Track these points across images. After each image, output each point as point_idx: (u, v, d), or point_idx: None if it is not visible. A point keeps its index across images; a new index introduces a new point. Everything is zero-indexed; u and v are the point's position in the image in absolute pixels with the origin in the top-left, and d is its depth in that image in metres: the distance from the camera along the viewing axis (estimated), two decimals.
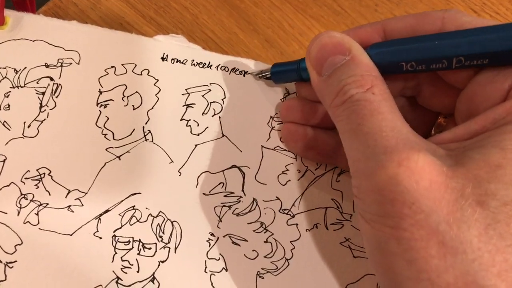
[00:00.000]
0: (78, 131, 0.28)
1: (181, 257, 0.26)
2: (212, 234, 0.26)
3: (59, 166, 0.27)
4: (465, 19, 0.22)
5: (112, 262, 0.25)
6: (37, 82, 0.28)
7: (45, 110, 0.28)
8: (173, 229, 0.26)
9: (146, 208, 0.27)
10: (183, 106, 0.29)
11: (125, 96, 0.28)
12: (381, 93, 0.20)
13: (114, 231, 0.26)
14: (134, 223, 0.26)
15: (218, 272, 0.26)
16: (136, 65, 0.29)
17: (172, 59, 0.29)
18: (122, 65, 0.29)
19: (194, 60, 0.29)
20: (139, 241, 0.26)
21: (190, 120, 0.28)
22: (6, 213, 0.26)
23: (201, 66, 0.29)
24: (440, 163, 0.18)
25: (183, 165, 0.27)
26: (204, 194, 0.27)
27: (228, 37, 0.33)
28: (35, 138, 0.27)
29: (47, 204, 0.26)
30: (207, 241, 0.26)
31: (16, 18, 0.29)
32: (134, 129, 0.28)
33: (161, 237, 0.26)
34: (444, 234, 0.17)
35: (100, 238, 0.26)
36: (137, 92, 0.29)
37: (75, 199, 0.26)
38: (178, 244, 0.26)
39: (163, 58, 0.29)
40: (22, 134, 0.27)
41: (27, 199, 0.26)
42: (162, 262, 0.26)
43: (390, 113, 0.20)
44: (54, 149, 0.27)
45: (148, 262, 0.26)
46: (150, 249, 0.26)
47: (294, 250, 0.26)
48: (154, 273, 0.26)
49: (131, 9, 0.34)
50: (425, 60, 0.21)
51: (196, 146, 0.28)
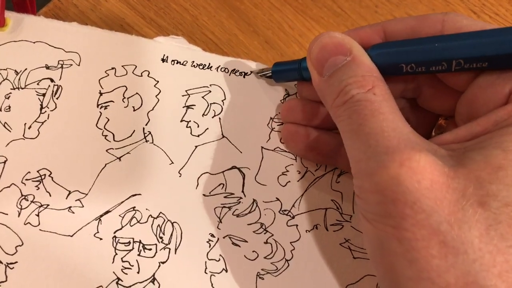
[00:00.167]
0: (78, 133, 0.28)
1: (181, 258, 0.26)
2: (212, 235, 0.26)
3: (60, 167, 0.27)
4: (465, 22, 0.22)
5: (112, 263, 0.26)
6: (37, 84, 0.28)
7: (45, 111, 0.28)
8: (173, 230, 0.26)
9: (147, 209, 0.27)
10: (183, 107, 0.29)
11: (125, 97, 0.28)
12: (382, 93, 0.20)
13: (115, 232, 0.26)
14: (135, 224, 0.26)
15: (218, 273, 0.26)
16: (136, 66, 0.29)
17: (172, 61, 0.29)
18: (123, 66, 0.29)
19: (194, 61, 0.30)
20: (140, 242, 0.26)
21: (190, 121, 0.28)
22: (7, 214, 0.26)
23: (201, 67, 0.29)
24: (441, 164, 0.18)
25: (183, 166, 0.28)
26: (204, 195, 0.27)
27: (228, 38, 0.33)
28: (36, 139, 0.27)
29: (48, 205, 0.26)
30: (207, 242, 0.26)
31: (16, 20, 0.29)
32: (134, 130, 0.28)
33: (161, 238, 0.26)
34: (445, 234, 0.17)
35: (100, 239, 0.26)
36: (137, 93, 0.29)
37: (76, 200, 0.26)
38: (178, 245, 0.26)
39: (163, 60, 0.29)
40: (23, 136, 0.27)
41: (28, 200, 0.26)
42: (163, 263, 0.26)
43: (391, 113, 0.20)
44: (54, 150, 0.27)
45: (148, 263, 0.26)
46: (150, 250, 0.26)
47: (294, 251, 0.26)
48: (154, 274, 0.26)
49: (131, 10, 0.34)
50: (425, 62, 0.21)
51: (196, 147, 0.28)
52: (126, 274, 0.25)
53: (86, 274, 0.25)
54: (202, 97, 0.29)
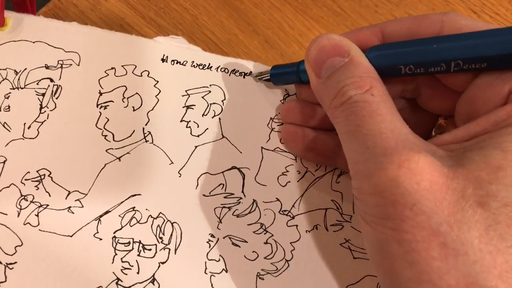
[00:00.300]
0: (78, 132, 0.28)
1: (181, 258, 0.26)
2: (212, 235, 0.26)
3: (59, 167, 0.27)
4: (464, 22, 0.22)
5: (112, 263, 0.25)
6: (37, 84, 0.28)
7: (45, 111, 0.28)
8: (173, 230, 0.26)
9: (146, 209, 0.27)
10: (183, 107, 0.29)
11: (125, 97, 0.28)
12: (380, 94, 0.20)
13: (114, 232, 0.26)
14: (134, 224, 0.26)
15: (218, 273, 0.26)
16: (136, 66, 0.29)
17: (172, 61, 0.29)
18: (122, 66, 0.29)
19: (194, 61, 0.29)
20: (139, 242, 0.26)
21: (190, 121, 0.28)
22: (6, 214, 0.26)
23: (201, 67, 0.29)
24: (440, 164, 0.18)
25: (183, 166, 0.27)
26: (204, 195, 0.27)
27: (228, 38, 0.33)
28: (35, 139, 0.27)
29: (47, 205, 0.26)
30: (207, 242, 0.26)
31: (16, 19, 0.29)
32: (134, 130, 0.28)
33: (161, 238, 0.26)
34: (445, 235, 0.17)
35: (100, 239, 0.26)
36: (137, 93, 0.29)
37: (75, 200, 0.26)
38: (178, 245, 0.26)
39: (163, 60, 0.29)
40: (22, 136, 0.27)
41: (27, 200, 0.26)
42: (162, 263, 0.26)
43: (389, 114, 0.20)
44: (54, 150, 0.27)
45: (148, 263, 0.26)
46: (150, 250, 0.26)
47: (294, 251, 0.26)
48: (154, 274, 0.26)
49: (131, 10, 0.34)
50: (423, 63, 0.21)
51: (196, 147, 0.28)
52: (126, 274, 0.25)
53: (86, 274, 0.25)
54: (202, 97, 0.29)
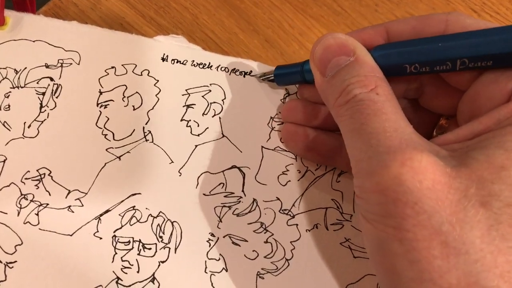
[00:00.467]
0: (78, 132, 0.28)
1: (181, 257, 0.26)
2: (212, 235, 0.26)
3: (59, 166, 0.27)
4: (468, 22, 0.22)
5: (112, 262, 0.25)
6: (37, 83, 0.28)
7: (45, 110, 0.28)
8: (173, 229, 0.26)
9: (146, 208, 0.27)
10: (183, 106, 0.29)
11: (125, 96, 0.28)
12: (385, 93, 0.20)
13: (114, 232, 0.26)
14: (134, 224, 0.26)
15: (218, 272, 0.26)
16: (136, 65, 0.29)
17: (172, 60, 0.29)
18: (122, 65, 0.29)
19: (194, 60, 0.29)
20: (139, 241, 0.26)
21: (190, 120, 0.28)
22: (6, 213, 0.26)
23: (201, 66, 0.29)
24: (443, 164, 0.18)
25: (183, 165, 0.27)
26: (204, 194, 0.27)
27: (228, 37, 0.33)
28: (35, 138, 0.27)
29: (47, 204, 0.26)
30: (207, 241, 0.26)
31: (16, 19, 0.29)
32: (134, 129, 0.28)
33: (161, 237, 0.26)
34: (447, 234, 0.17)
35: (100, 239, 0.26)
36: (137, 92, 0.29)
37: (75, 199, 0.26)
38: (178, 244, 0.26)
39: (163, 59, 0.29)
40: (22, 135, 0.27)
41: (27, 199, 0.26)
42: (162, 262, 0.26)
43: (393, 113, 0.20)
44: (54, 149, 0.27)
45: (148, 262, 0.26)
46: (150, 249, 0.26)
47: (294, 251, 0.26)
48: (154, 273, 0.26)
49: (131, 9, 0.34)
50: (429, 62, 0.21)
51: (196, 146, 0.28)
52: (126, 273, 0.25)
53: (86, 273, 0.25)
54: (202, 96, 0.29)
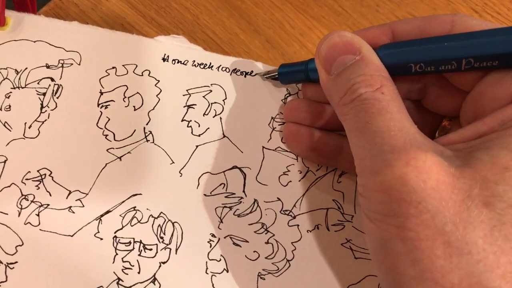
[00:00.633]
0: (79, 132, 0.27)
1: (182, 258, 0.26)
2: (213, 235, 0.26)
3: (60, 167, 0.27)
4: (474, 22, 0.22)
5: (113, 263, 0.25)
6: (38, 83, 0.28)
7: (46, 110, 0.28)
8: (174, 230, 0.26)
9: (147, 209, 0.26)
10: (184, 107, 0.29)
11: (126, 96, 0.28)
12: (390, 93, 0.20)
13: (115, 232, 0.26)
14: (135, 224, 0.26)
15: (219, 273, 0.26)
16: (137, 65, 0.29)
17: (173, 60, 0.29)
18: (123, 65, 0.29)
19: (195, 60, 0.29)
20: (140, 242, 0.26)
21: (191, 121, 0.28)
22: (7, 214, 0.26)
23: (202, 66, 0.29)
24: (447, 164, 0.18)
25: (184, 166, 0.27)
26: (205, 195, 0.27)
27: (229, 37, 0.33)
28: (36, 139, 0.27)
29: (48, 205, 0.26)
30: (208, 242, 0.26)
31: (17, 19, 0.29)
32: (135, 130, 0.28)
33: (162, 238, 0.26)
34: (450, 234, 0.17)
35: (101, 239, 0.26)
36: (138, 93, 0.29)
37: (76, 200, 0.26)
38: (179, 245, 0.26)
39: (164, 59, 0.29)
40: (23, 135, 0.27)
41: (28, 200, 0.26)
42: (163, 263, 0.26)
43: (398, 113, 0.20)
44: (55, 150, 0.27)
45: (149, 263, 0.26)
46: (151, 250, 0.26)
47: (295, 251, 0.26)
48: (155, 274, 0.25)
49: (132, 9, 0.34)
50: (434, 61, 0.21)
51: (197, 147, 0.28)
52: (127, 274, 0.25)
53: (87, 274, 0.25)
54: (203, 96, 0.29)
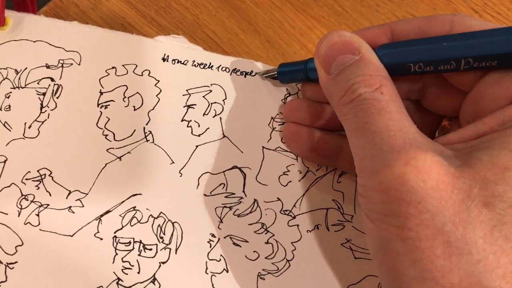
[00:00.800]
0: (79, 132, 0.27)
1: (182, 258, 0.26)
2: (213, 235, 0.26)
3: (60, 167, 0.27)
4: (474, 23, 0.22)
5: (112, 263, 0.25)
6: (37, 83, 0.28)
7: (45, 110, 0.28)
8: (174, 230, 0.26)
9: (147, 209, 0.26)
10: (184, 107, 0.29)
11: (126, 96, 0.28)
12: (389, 93, 0.20)
13: (115, 232, 0.26)
14: (135, 224, 0.26)
15: (219, 273, 0.26)
16: (137, 65, 0.29)
17: (173, 60, 0.29)
18: (123, 65, 0.29)
19: (195, 60, 0.29)
20: (140, 242, 0.26)
21: (191, 121, 0.28)
22: (7, 214, 0.26)
23: (202, 66, 0.29)
24: (447, 164, 0.18)
25: (184, 166, 0.27)
26: (205, 195, 0.27)
27: (229, 37, 0.33)
28: (36, 138, 0.27)
29: (48, 205, 0.26)
30: (208, 242, 0.26)
31: (16, 19, 0.29)
32: (135, 130, 0.28)
33: (161, 238, 0.26)
34: (449, 234, 0.17)
35: (100, 239, 0.26)
36: (138, 93, 0.29)
37: (76, 200, 0.26)
38: (179, 245, 0.26)
39: (164, 59, 0.29)
40: (23, 135, 0.27)
41: (28, 200, 0.26)
42: (163, 263, 0.26)
43: (398, 113, 0.20)
44: (55, 150, 0.27)
45: (148, 263, 0.26)
46: (150, 250, 0.26)
47: (295, 251, 0.26)
48: (154, 274, 0.25)
49: (132, 9, 0.34)
50: (433, 61, 0.21)
51: (197, 147, 0.28)
52: (127, 274, 0.25)
53: (86, 274, 0.25)
54: (203, 96, 0.29)
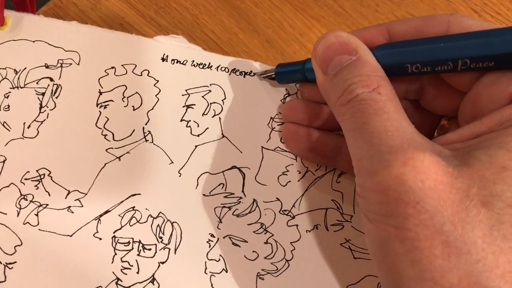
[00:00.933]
0: (78, 132, 0.27)
1: (181, 258, 0.26)
2: (212, 235, 0.26)
3: (59, 167, 0.27)
4: (471, 23, 0.22)
5: (112, 263, 0.25)
6: (37, 83, 0.28)
7: (45, 110, 0.28)
8: (173, 230, 0.26)
9: (146, 209, 0.26)
10: (183, 106, 0.28)
11: (125, 96, 0.28)
12: (387, 93, 0.20)
13: (114, 232, 0.26)
14: (134, 224, 0.26)
15: (218, 273, 0.26)
16: (136, 65, 0.29)
17: (172, 60, 0.29)
18: (122, 65, 0.29)
19: (194, 60, 0.29)
20: (139, 242, 0.26)
21: (190, 121, 0.28)
22: (6, 214, 0.26)
23: (201, 66, 0.29)
24: (445, 164, 0.18)
25: (183, 166, 0.27)
26: (204, 195, 0.27)
27: (228, 37, 0.33)
28: (35, 138, 0.27)
29: (47, 205, 0.26)
30: (207, 242, 0.26)
31: (16, 19, 0.29)
32: (134, 129, 0.28)
33: (161, 238, 0.26)
34: (448, 234, 0.17)
35: (100, 239, 0.26)
36: (137, 92, 0.29)
37: (75, 200, 0.26)
38: (178, 245, 0.26)
39: (163, 59, 0.29)
40: (22, 135, 0.27)
41: (27, 200, 0.26)
42: (162, 263, 0.26)
43: (395, 113, 0.20)
44: (54, 150, 0.27)
45: (148, 263, 0.26)
46: (150, 250, 0.26)
47: (295, 251, 0.26)
48: (154, 274, 0.25)
49: (131, 9, 0.34)
50: (430, 62, 0.21)
51: (196, 147, 0.28)
52: (126, 274, 0.25)
53: (86, 274, 0.25)
54: (202, 96, 0.29)
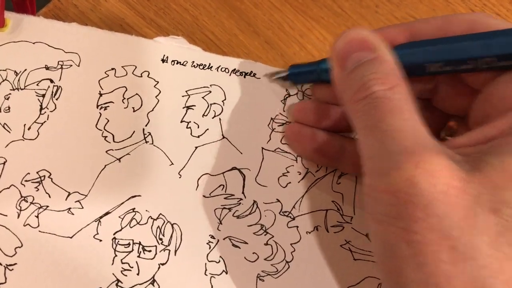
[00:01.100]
0: (78, 133, 0.27)
1: (181, 259, 0.26)
2: (212, 237, 0.26)
3: (59, 168, 0.27)
4: (493, 22, 0.22)
5: (112, 264, 0.25)
6: (37, 84, 0.28)
7: (45, 112, 0.28)
8: (173, 231, 0.26)
9: (146, 210, 0.26)
10: (183, 108, 0.28)
11: (125, 98, 0.28)
12: (403, 93, 0.20)
13: (114, 234, 0.26)
14: (134, 226, 0.26)
15: (218, 274, 0.26)
16: (136, 67, 0.29)
17: (172, 61, 0.29)
18: (122, 67, 0.29)
19: (194, 61, 0.29)
20: (139, 243, 0.26)
21: (190, 122, 0.28)
22: (6, 215, 0.26)
23: (201, 67, 0.29)
24: (458, 168, 0.18)
25: (183, 167, 0.27)
26: (204, 196, 0.27)
27: (228, 38, 0.33)
28: (35, 140, 0.27)
29: (47, 206, 0.26)
30: (207, 243, 0.26)
31: (16, 20, 0.29)
32: (134, 131, 0.28)
33: (161, 239, 0.26)
34: (456, 239, 0.17)
35: (100, 241, 0.26)
36: (137, 94, 0.29)
37: (75, 202, 0.26)
38: (178, 246, 0.26)
39: (163, 60, 0.29)
40: (22, 137, 0.27)
41: (27, 202, 0.26)
42: (162, 264, 0.26)
43: (410, 113, 0.19)
44: (54, 151, 0.27)
45: (148, 264, 0.26)
46: (150, 251, 0.26)
47: (295, 253, 0.26)
48: (154, 275, 0.25)
49: (131, 10, 0.34)
50: (451, 61, 0.21)
51: (196, 148, 0.28)
52: (126, 275, 0.25)
53: (86, 275, 0.25)
54: (202, 97, 0.29)
